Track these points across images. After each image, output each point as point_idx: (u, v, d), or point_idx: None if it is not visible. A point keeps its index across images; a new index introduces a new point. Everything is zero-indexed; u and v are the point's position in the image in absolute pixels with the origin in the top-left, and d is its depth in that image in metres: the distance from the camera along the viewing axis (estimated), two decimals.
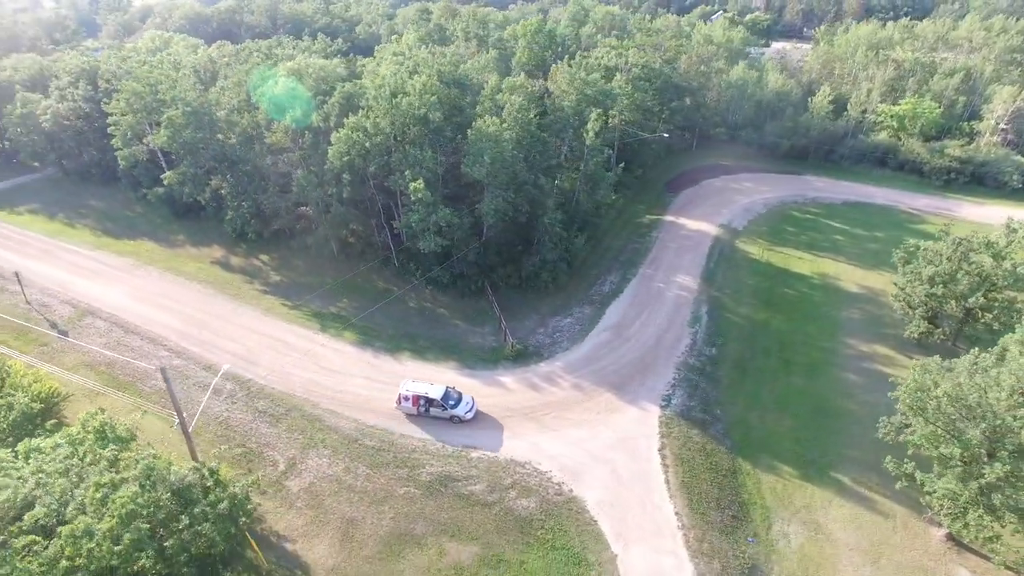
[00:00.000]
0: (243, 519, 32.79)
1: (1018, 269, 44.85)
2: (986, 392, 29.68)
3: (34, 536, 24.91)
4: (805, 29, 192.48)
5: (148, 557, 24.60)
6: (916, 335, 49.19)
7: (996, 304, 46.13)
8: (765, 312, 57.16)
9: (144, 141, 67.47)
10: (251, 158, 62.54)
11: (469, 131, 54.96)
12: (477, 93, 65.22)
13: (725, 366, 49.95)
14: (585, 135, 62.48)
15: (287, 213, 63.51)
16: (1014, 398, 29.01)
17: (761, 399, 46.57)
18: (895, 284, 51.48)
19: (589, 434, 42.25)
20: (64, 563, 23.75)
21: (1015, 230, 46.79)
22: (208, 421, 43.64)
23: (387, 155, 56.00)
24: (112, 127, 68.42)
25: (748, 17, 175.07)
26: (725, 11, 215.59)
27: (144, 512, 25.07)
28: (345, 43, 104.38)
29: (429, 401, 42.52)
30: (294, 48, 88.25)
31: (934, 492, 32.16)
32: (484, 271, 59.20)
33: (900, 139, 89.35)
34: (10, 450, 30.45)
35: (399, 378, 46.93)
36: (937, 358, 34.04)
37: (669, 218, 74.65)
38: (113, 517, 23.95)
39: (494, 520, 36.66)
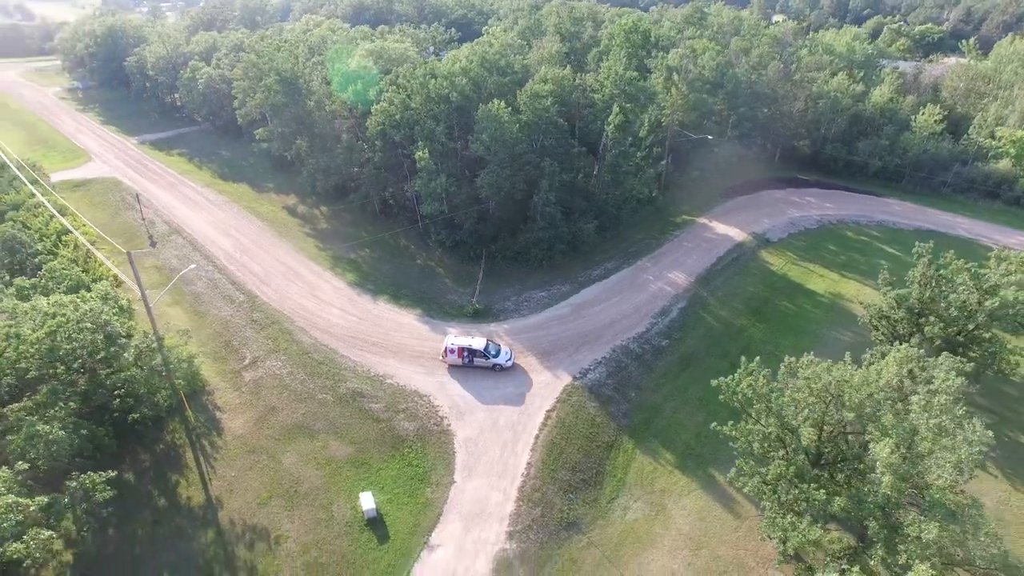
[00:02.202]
0: (179, 381, 42.12)
1: (1014, 309, 40.16)
2: (780, 394, 29.45)
3: None
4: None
5: (64, 370, 34.32)
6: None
7: (983, 340, 41.65)
8: (747, 319, 55.74)
9: (252, 103, 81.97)
10: (320, 122, 73.66)
11: (478, 111, 60.39)
12: (522, 81, 70.06)
13: (668, 358, 50.41)
14: (607, 128, 64.99)
15: (341, 172, 73.80)
16: (800, 401, 28.60)
17: (686, 393, 46.77)
18: (861, 303, 47.98)
19: (493, 384, 46.20)
20: None
21: (1004, 259, 41.67)
22: (214, 321, 54.50)
23: (412, 127, 63.41)
24: (235, 90, 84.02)
25: (917, 29, 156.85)
26: (906, 22, 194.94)
27: (69, 336, 34.69)
28: (458, 32, 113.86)
29: (472, 352, 47.17)
30: (401, 34, 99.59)
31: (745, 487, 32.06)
32: (484, 241, 64.43)
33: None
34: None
35: (369, 313, 54.56)
36: (757, 361, 33.36)
37: (703, 220, 73.60)
38: (43, 330, 33.84)
39: (376, 432, 42.50)
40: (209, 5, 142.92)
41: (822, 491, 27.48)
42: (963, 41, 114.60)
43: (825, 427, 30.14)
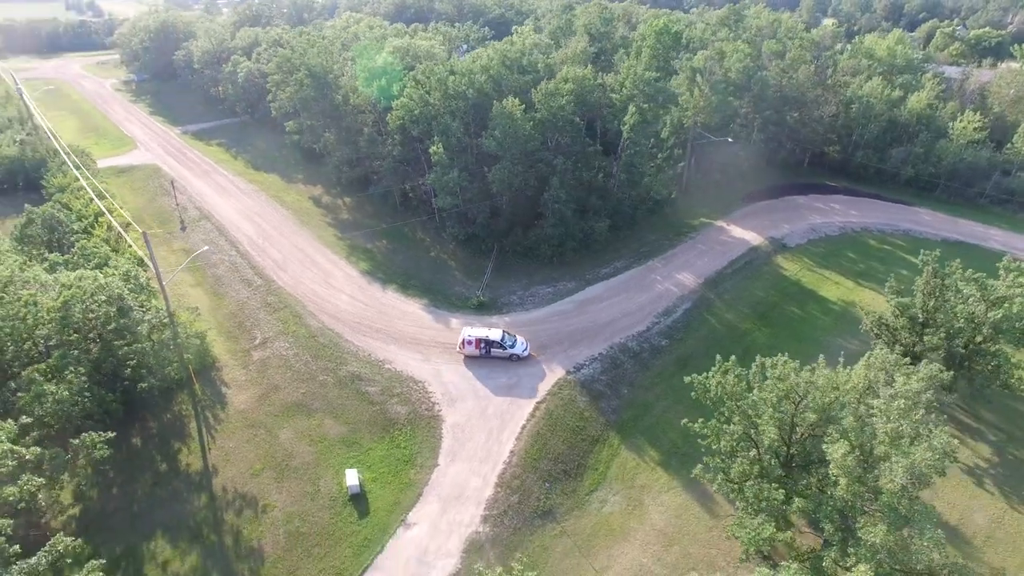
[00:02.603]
0: (188, 356, 44.55)
1: (1020, 322, 38.90)
2: (745, 397, 29.53)
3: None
4: None
5: (78, 338, 36.89)
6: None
7: (987, 353, 40.45)
8: (752, 323, 55.21)
9: (282, 96, 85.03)
10: (347, 116, 76.01)
11: (493, 108, 61.43)
12: (543, 79, 70.71)
13: (666, 357, 50.43)
14: (622, 127, 65.21)
15: (363, 165, 75.99)
16: (765, 401, 28.62)
17: (680, 393, 45.87)
18: (862, 310, 46.98)
19: (486, 374, 47.18)
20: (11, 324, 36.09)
21: (1012, 270, 40.29)
22: (231, 302, 57.14)
23: (429, 122, 64.91)
24: (269, 83, 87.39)
25: (972, 33, 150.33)
26: (966, 25, 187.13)
27: (86, 307, 37.27)
28: (491, 31, 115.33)
29: (489, 343, 48.23)
30: (434, 31, 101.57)
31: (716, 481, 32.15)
32: (496, 235, 65.45)
33: None
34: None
35: (377, 301, 56.36)
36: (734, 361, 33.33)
37: (720, 223, 72.85)
38: (59, 300, 36.46)
39: (370, 414, 44.02)
40: (257, 2, 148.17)
41: (781, 491, 27.45)
42: (1014, 46, 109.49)
43: (796, 428, 29.99)
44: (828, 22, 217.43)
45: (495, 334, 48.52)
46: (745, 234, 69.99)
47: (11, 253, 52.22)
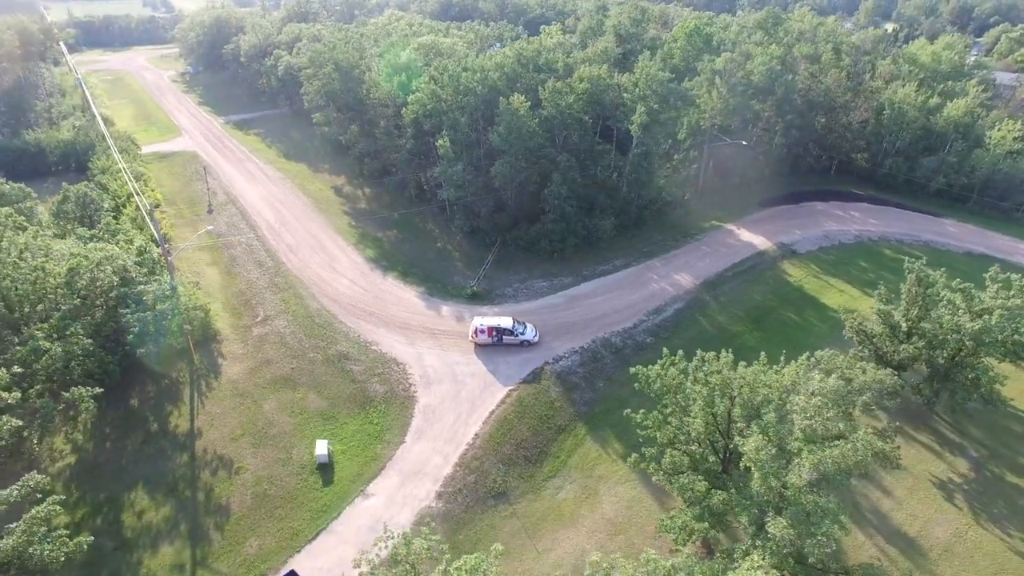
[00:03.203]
0: (188, 327, 47.75)
1: (1003, 335, 37.72)
2: (682, 390, 29.98)
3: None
4: None
5: (81, 303, 40.36)
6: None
7: (968, 366, 39.29)
8: (744, 326, 54.76)
9: (311, 89, 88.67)
10: (370, 109, 78.88)
11: (500, 105, 62.76)
12: (563, 78, 71.46)
13: (649, 355, 49.94)
14: (630, 127, 65.53)
15: (382, 157, 78.66)
16: (697, 393, 29.00)
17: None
18: (843, 316, 45.86)
19: (464, 360, 48.63)
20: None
21: (997, 281, 38.92)
22: (242, 281, 60.51)
23: (441, 117, 66.83)
24: (302, 76, 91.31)
25: None
26: None
27: (92, 275, 40.77)
28: (524, 30, 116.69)
29: (501, 331, 49.92)
30: (468, 30, 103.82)
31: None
32: (501, 229, 66.78)
33: None
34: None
35: (376, 287, 58.65)
36: (684, 355, 33.60)
37: (730, 226, 72.02)
38: (65, 266, 40.00)
39: (350, 391, 46.16)
40: None
41: (704, 483, 27.79)
42: None
43: (735, 423, 30.16)
44: (890, 27, 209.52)
45: (506, 322, 49.99)
46: (754, 238, 69.01)
47: (50, 227, 57.19)
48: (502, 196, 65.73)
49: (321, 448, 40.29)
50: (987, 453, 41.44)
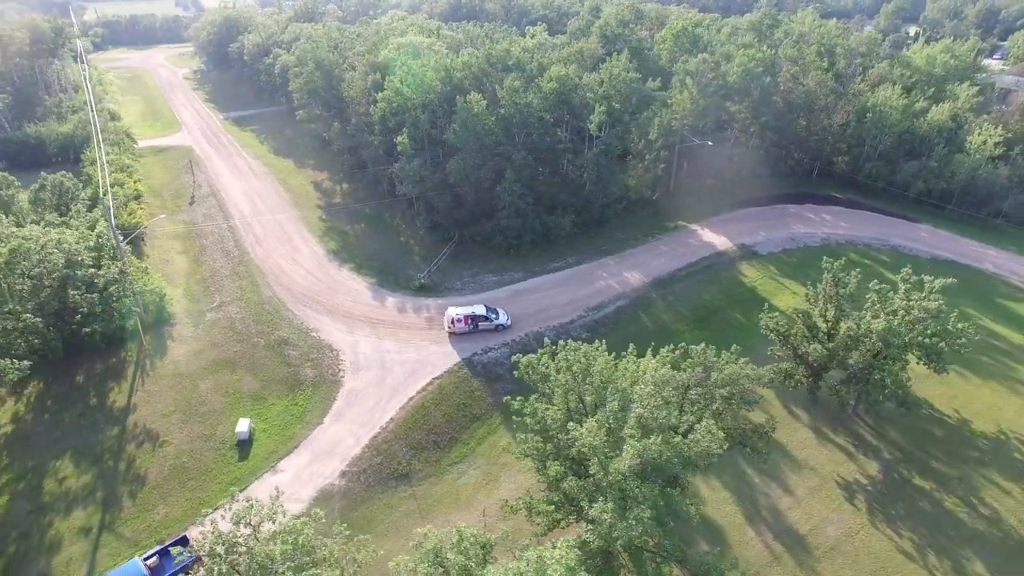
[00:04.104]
0: (138, 310, 50.18)
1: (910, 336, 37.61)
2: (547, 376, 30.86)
3: None
4: None
5: (28, 284, 42.98)
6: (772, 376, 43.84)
7: (879, 368, 39.11)
8: (687, 325, 54.99)
9: (294, 86, 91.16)
10: (347, 106, 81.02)
11: (457, 103, 64.08)
12: (533, 78, 72.43)
13: None
14: (589, 125, 66.23)
15: (356, 153, 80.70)
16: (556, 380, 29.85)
17: None
18: (762, 320, 45.67)
19: (397, 348, 50.06)
20: None
21: (906, 281, 38.74)
22: (207, 269, 63.03)
23: (404, 114, 68.45)
24: (290, 74, 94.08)
25: None
26: None
27: (38, 256, 43.39)
28: (518, 31, 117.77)
29: (477, 318, 51.74)
30: (459, 30, 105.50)
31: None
32: (460, 224, 68.05)
33: None
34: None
35: (330, 277, 60.53)
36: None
37: (695, 227, 71.95)
38: (7, 248, 42.71)
39: (283, 374, 48.00)
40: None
41: (558, 467, 28.58)
42: None
43: (586, 411, 30.83)
44: (913, 31, 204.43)
45: (480, 309, 51.81)
46: (715, 239, 68.89)
47: (28, 214, 60.49)
48: (460, 192, 66.98)
49: (242, 426, 42.10)
50: (900, 456, 41.08)
